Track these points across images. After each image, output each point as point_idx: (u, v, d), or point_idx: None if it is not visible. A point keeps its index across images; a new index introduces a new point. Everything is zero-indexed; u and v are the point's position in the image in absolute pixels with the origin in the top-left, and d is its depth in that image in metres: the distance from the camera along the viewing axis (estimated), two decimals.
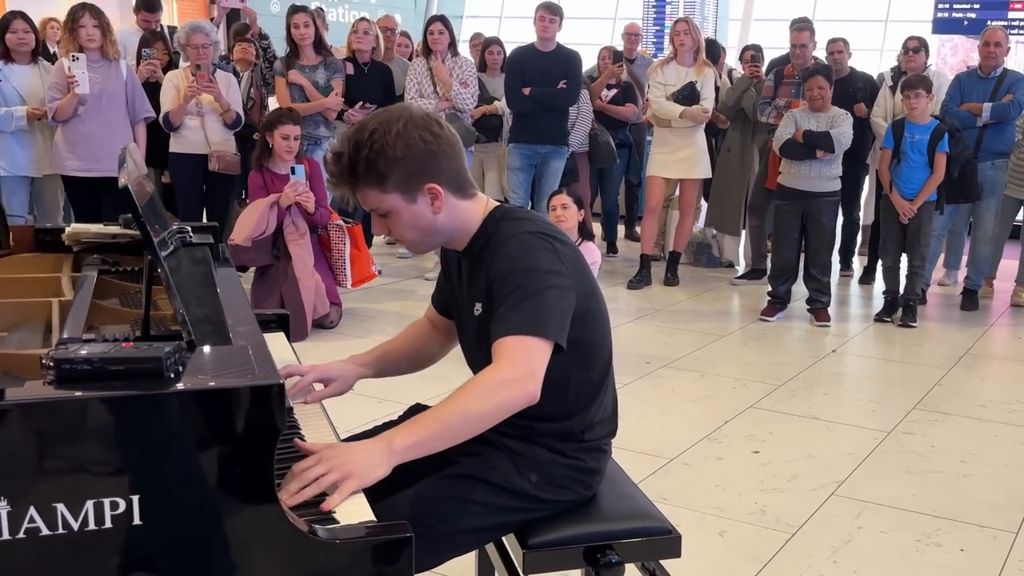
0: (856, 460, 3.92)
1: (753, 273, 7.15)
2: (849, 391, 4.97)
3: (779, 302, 6.22)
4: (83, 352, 1.56)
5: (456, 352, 2.31)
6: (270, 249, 5.54)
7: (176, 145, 6.09)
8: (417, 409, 2.30)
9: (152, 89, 6.07)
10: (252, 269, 5.79)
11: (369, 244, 6.55)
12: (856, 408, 4.63)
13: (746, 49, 8.03)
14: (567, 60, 6.75)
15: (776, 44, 8.81)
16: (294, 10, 6.44)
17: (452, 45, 6.78)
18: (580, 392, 2.07)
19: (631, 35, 8.60)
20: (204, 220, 6.14)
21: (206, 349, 1.79)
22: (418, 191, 1.95)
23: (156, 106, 5.98)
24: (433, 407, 1.86)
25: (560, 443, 2.07)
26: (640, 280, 6.93)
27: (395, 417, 2.25)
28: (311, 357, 2.43)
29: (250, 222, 5.42)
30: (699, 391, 4.76)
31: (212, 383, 1.59)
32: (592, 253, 5.07)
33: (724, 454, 3.95)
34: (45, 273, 2.56)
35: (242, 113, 6.16)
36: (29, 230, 2.74)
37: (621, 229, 8.59)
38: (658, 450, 3.92)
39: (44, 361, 1.57)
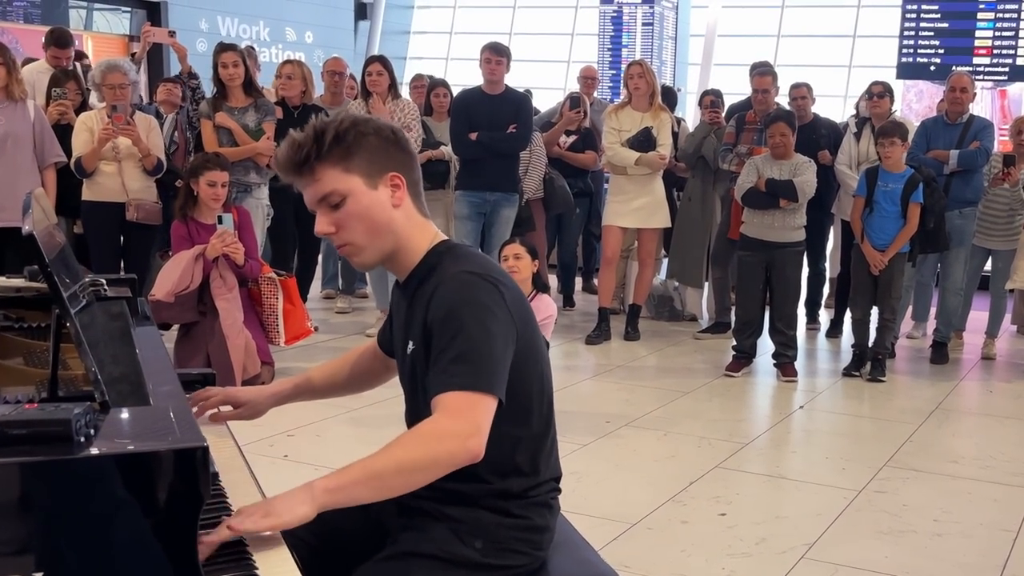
0: (826, 521, 3.92)
1: (717, 327, 7.19)
2: (818, 448, 4.98)
3: (744, 356, 6.25)
4: None
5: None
6: (195, 305, 5.45)
7: (90, 192, 5.99)
8: None
9: (63, 131, 5.98)
10: (175, 327, 5.69)
11: (304, 298, 6.49)
12: (825, 466, 4.64)
13: (705, 94, 8.13)
14: (517, 103, 6.79)
15: (736, 90, 8.95)
16: (222, 48, 6.39)
17: (393, 87, 6.79)
18: (520, 447, 2.03)
19: (587, 79, 8.69)
20: (122, 274, 6.05)
21: (122, 411, 1.73)
22: (381, 178, 1.97)
23: (68, 150, 5.88)
24: (369, 456, 1.83)
25: (503, 502, 2.03)
26: (599, 335, 6.93)
27: None
28: (242, 422, 2.39)
29: (173, 276, 5.34)
30: (662, 451, 4.75)
31: (128, 446, 1.54)
32: (547, 306, 5.06)
33: (689, 517, 3.93)
34: None
35: (164, 158, 6.09)
36: None
37: (579, 282, 8.61)
38: (620, 514, 3.90)
39: None
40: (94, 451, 1.50)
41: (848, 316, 6.51)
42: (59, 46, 6.84)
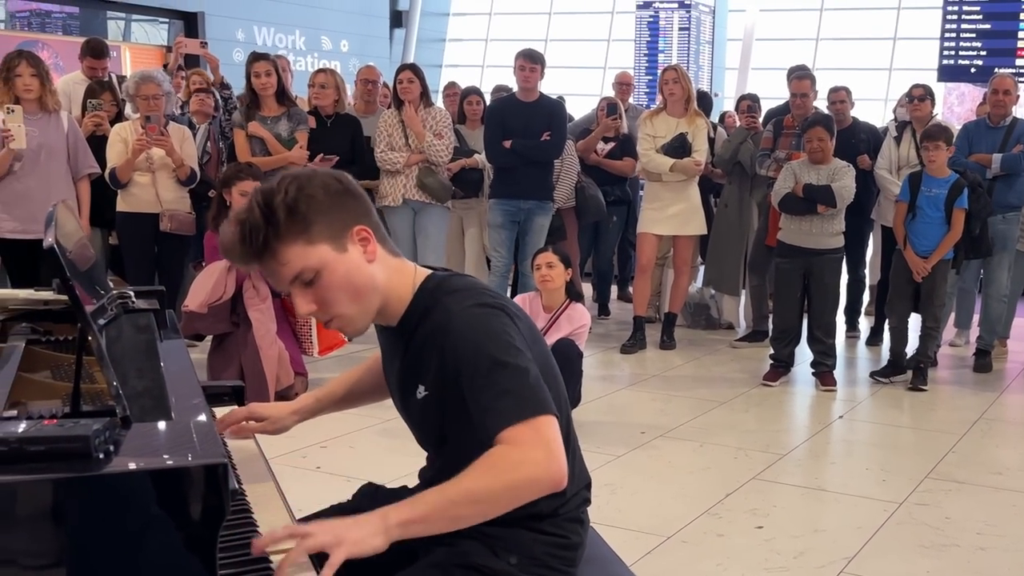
0: (866, 534, 3.85)
1: (754, 335, 7.13)
2: (858, 460, 4.92)
3: (782, 366, 6.18)
4: None
5: None
6: (228, 315, 5.46)
7: (124, 203, 6.03)
8: (369, 489, 2.28)
9: (99, 143, 6.02)
10: (209, 338, 5.71)
11: None
12: (865, 478, 4.57)
13: (742, 99, 8.10)
14: (551, 110, 6.78)
15: (774, 94, 8.89)
16: (255, 58, 6.42)
17: (425, 95, 6.79)
18: None
19: (622, 85, 8.68)
20: (155, 285, 6.09)
21: (143, 426, 1.73)
22: (347, 236, 1.87)
23: (103, 161, 5.93)
24: (441, 486, 1.78)
25: (536, 522, 2.00)
26: (634, 344, 6.89)
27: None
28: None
29: (206, 286, 5.35)
30: (698, 462, 4.70)
31: (147, 463, 1.53)
32: (581, 315, 5.06)
33: (725, 530, 3.88)
34: None
35: (197, 168, 6.12)
36: None
37: (614, 290, 8.58)
38: (654, 527, 3.86)
39: None
40: (113, 468, 1.49)
41: (887, 323, 6.42)
42: (95, 56, 6.90)
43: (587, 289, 7.76)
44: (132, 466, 1.52)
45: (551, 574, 2.03)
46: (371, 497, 2.20)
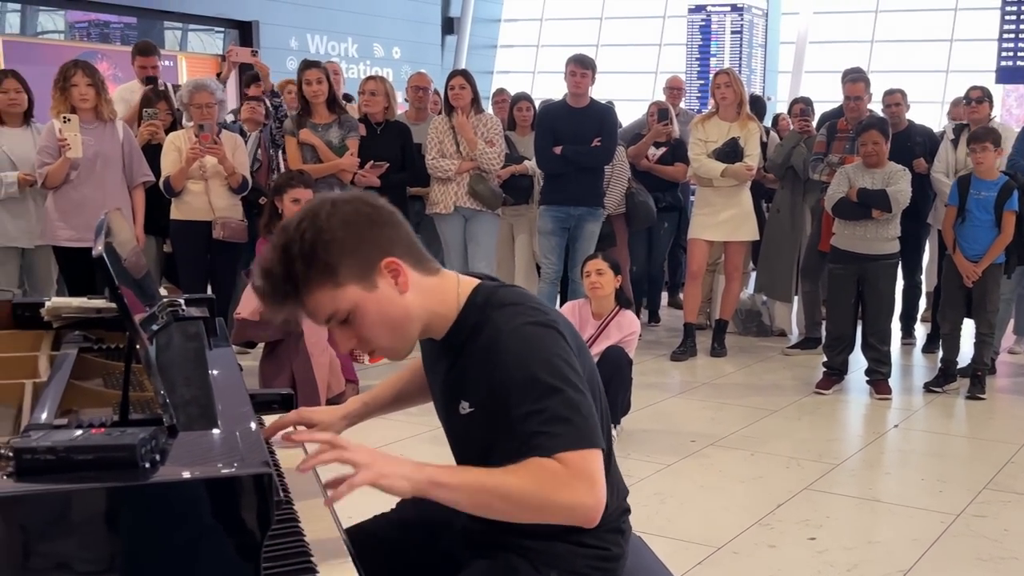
0: (922, 546, 3.79)
1: (807, 342, 7.06)
2: (913, 470, 4.84)
3: (835, 374, 6.11)
4: (47, 441, 1.51)
5: None
6: (280, 323, 5.49)
7: (178, 211, 6.08)
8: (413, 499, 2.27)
9: (154, 151, 6.09)
10: (260, 345, 5.75)
11: None
12: (921, 489, 4.50)
13: (795, 102, 8.02)
14: (601, 116, 6.77)
15: (828, 97, 8.81)
16: (306, 65, 6.47)
17: (476, 101, 6.80)
18: None
19: (673, 89, 8.64)
20: (209, 292, 6.15)
21: (190, 435, 1.74)
22: (375, 272, 1.82)
23: (158, 170, 5.99)
24: (486, 469, 1.79)
25: (577, 534, 1.98)
26: (684, 351, 6.85)
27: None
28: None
29: None
30: (749, 472, 4.66)
31: (191, 473, 1.54)
32: (631, 323, 5.04)
33: (777, 541, 3.84)
34: (22, 352, 2.52)
35: (249, 176, 6.17)
36: (6, 305, 2.71)
37: (664, 296, 8.54)
38: (704, 538, 3.82)
39: (2, 451, 1.52)
40: (158, 478, 1.50)
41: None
42: (143, 55, 6.93)
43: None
44: (178, 476, 1.53)
45: None
46: (415, 506, 2.19)
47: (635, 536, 2.33)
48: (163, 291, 6.26)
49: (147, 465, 1.52)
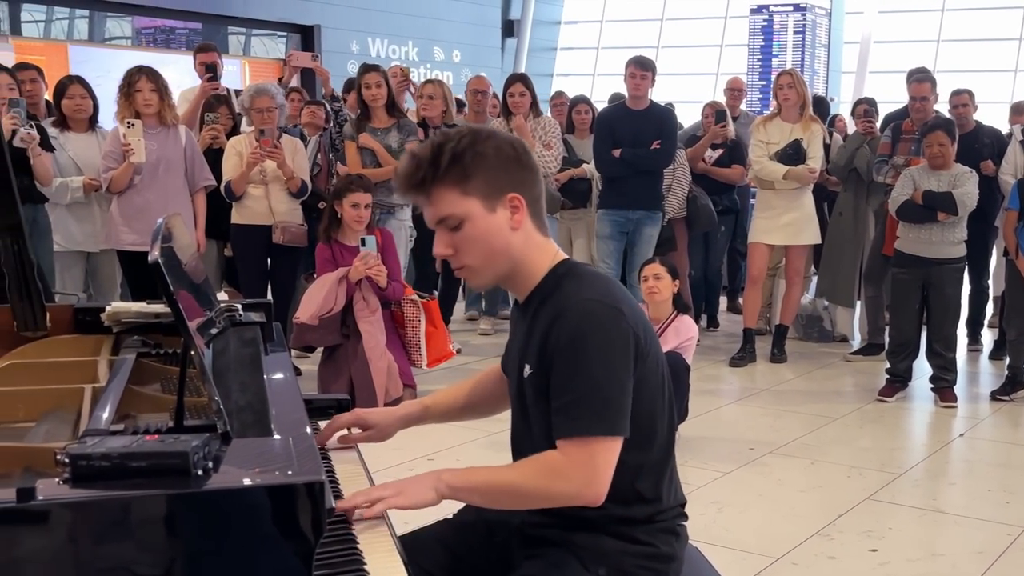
0: (987, 560, 3.71)
1: (870, 348, 6.95)
2: (980, 480, 4.75)
3: (899, 380, 6.01)
4: (102, 448, 1.53)
5: None
6: (339, 327, 5.54)
7: (239, 216, 6.13)
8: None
9: (216, 156, 6.16)
10: (319, 349, 5.80)
11: (448, 320, 6.54)
12: (988, 500, 4.41)
13: (859, 103, 7.92)
14: (661, 118, 6.75)
15: (893, 98, 8.68)
16: (365, 69, 6.51)
17: (534, 105, 6.79)
18: (641, 475, 2.00)
19: (734, 91, 8.58)
20: (269, 296, 6.21)
21: (243, 442, 1.76)
22: (500, 199, 1.95)
23: (219, 174, 6.06)
24: (494, 467, 1.98)
25: (628, 528, 2.01)
26: (743, 357, 6.79)
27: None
28: (381, 444, 2.43)
29: (317, 298, 5.44)
30: (809, 481, 4.60)
31: (245, 480, 1.55)
32: (688, 328, 5.00)
33: (837, 552, 3.78)
34: (82, 356, 2.56)
35: (308, 180, 6.21)
36: (68, 310, 2.75)
37: (723, 301, 8.47)
38: (763, 548, 3.78)
39: (59, 456, 1.54)
40: (211, 485, 1.51)
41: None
42: (203, 51, 6.98)
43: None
44: (230, 483, 1.54)
45: None
46: (476, 512, 2.19)
47: (692, 547, 2.31)
48: (223, 295, 6.39)
49: (200, 472, 1.53)
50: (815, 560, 3.72)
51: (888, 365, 6.10)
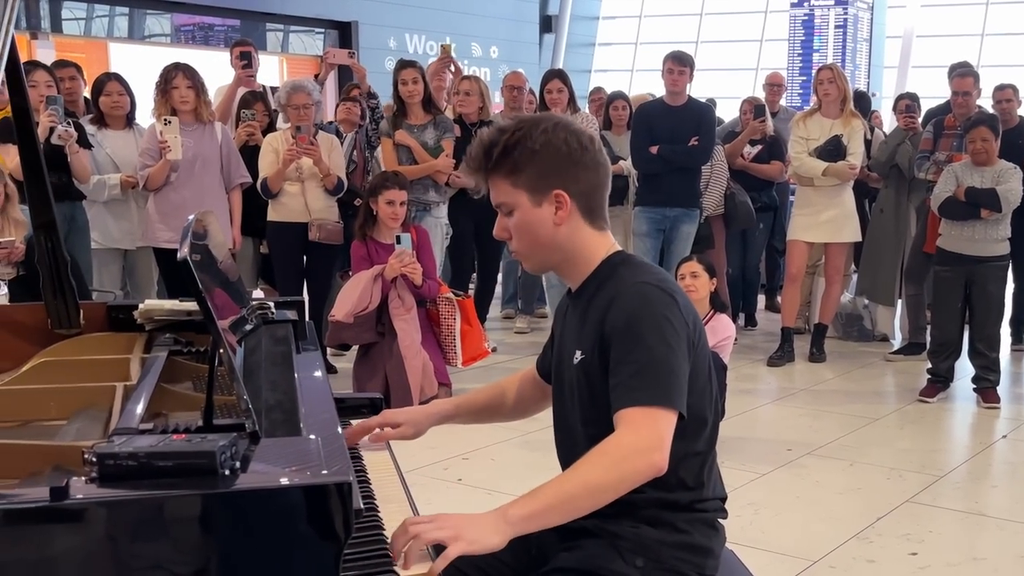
0: None
1: (910, 348, 6.88)
2: (1023, 483, 4.68)
3: (940, 381, 5.94)
4: (129, 447, 1.53)
5: None
6: (374, 325, 5.54)
7: (275, 213, 6.13)
8: None
9: (252, 153, 6.18)
10: (355, 347, 5.80)
11: (484, 318, 6.52)
12: None
13: (900, 98, 7.83)
14: (699, 114, 6.70)
15: (936, 93, 8.58)
16: (402, 65, 6.50)
17: (572, 101, 6.77)
18: (683, 463, 2.00)
19: (773, 86, 8.51)
20: (305, 294, 6.23)
21: (271, 441, 1.76)
22: (546, 195, 2.00)
23: (255, 171, 6.07)
24: (554, 479, 1.89)
25: (668, 513, 2.01)
26: (782, 356, 6.73)
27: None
28: (416, 443, 2.43)
29: (352, 296, 5.45)
30: (848, 483, 4.55)
31: (271, 481, 1.55)
32: (725, 327, 4.96)
33: (876, 556, 3.74)
34: (115, 354, 2.57)
35: (344, 178, 6.21)
36: (101, 307, 2.77)
37: (761, 300, 8.40)
38: (800, 550, 3.74)
39: (87, 456, 1.55)
40: (238, 485, 1.51)
41: None
42: (238, 45, 6.99)
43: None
44: (257, 483, 1.53)
45: None
46: None
47: (728, 549, 2.30)
48: (259, 292, 6.41)
49: (227, 472, 1.53)
50: (853, 564, 3.67)
51: (929, 365, 6.03)
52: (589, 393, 2.01)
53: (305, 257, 6.26)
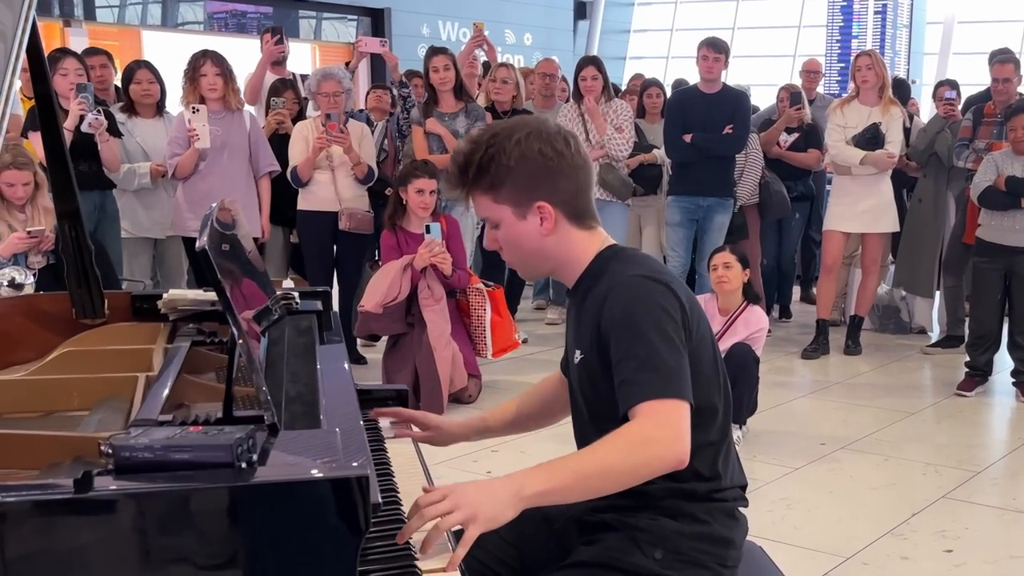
0: None
1: (948, 341, 6.80)
2: None
3: (979, 374, 5.86)
4: (145, 439, 1.53)
5: None
6: (403, 316, 5.52)
7: (304, 202, 6.12)
8: None
9: (282, 141, 6.17)
10: (385, 338, 5.80)
11: (515, 310, 6.50)
12: None
13: (940, 85, 7.73)
14: (734, 102, 6.64)
15: (977, 80, 8.47)
16: (433, 52, 6.48)
17: (606, 88, 6.73)
18: (697, 454, 1.94)
19: (810, 72, 8.42)
20: (336, 283, 6.23)
21: (290, 434, 1.75)
22: (528, 208, 1.99)
23: (285, 159, 6.06)
24: (571, 455, 1.89)
25: (687, 504, 1.99)
26: (816, 349, 6.67)
27: None
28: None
29: (381, 287, 5.44)
30: (882, 478, 4.50)
31: (287, 474, 1.54)
32: (758, 319, 4.93)
33: (911, 553, 3.70)
34: (139, 344, 2.57)
35: (375, 166, 6.19)
36: (126, 297, 2.77)
37: (796, 291, 8.33)
38: (832, 547, 3.71)
39: (103, 448, 1.55)
40: (253, 479, 1.50)
41: None
42: (268, 33, 7.04)
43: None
44: (274, 477, 1.53)
45: (700, 572, 2.00)
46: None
47: (755, 544, 2.28)
48: (290, 282, 6.41)
49: (243, 465, 1.52)
50: (887, 561, 3.64)
51: (967, 358, 5.96)
52: (593, 391, 2.01)
53: (335, 247, 6.25)
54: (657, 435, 1.82)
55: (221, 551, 1.47)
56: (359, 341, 6.38)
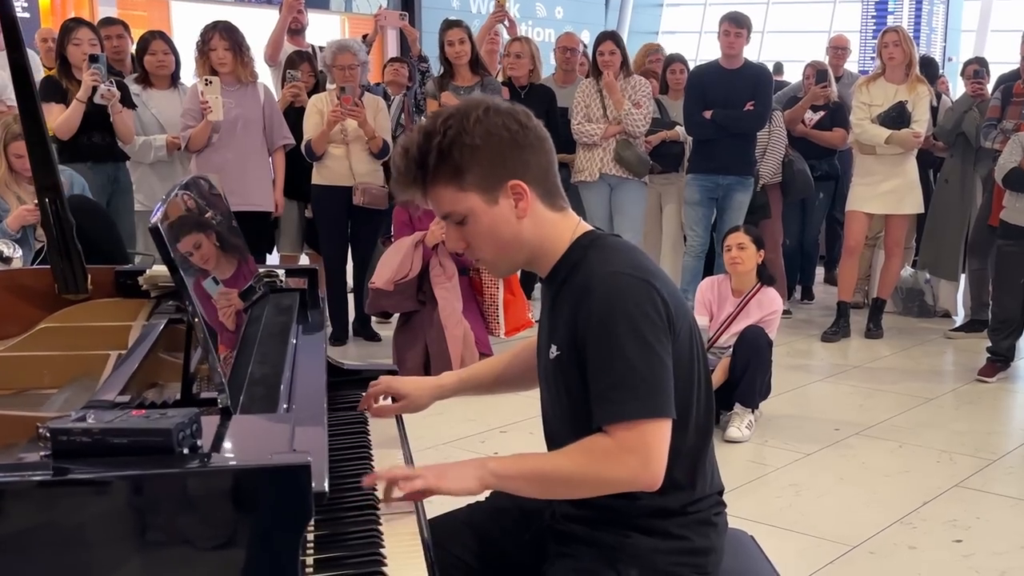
0: None
1: (972, 325, 6.66)
2: None
3: (1000, 360, 5.74)
4: (83, 423, 1.47)
5: None
6: (415, 293, 5.47)
7: (319, 176, 6.05)
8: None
9: (297, 114, 6.10)
10: (395, 316, 5.75)
11: (528, 290, 6.43)
12: None
13: (968, 63, 7.54)
14: (756, 78, 6.52)
15: (1012, 59, 8.28)
16: (448, 25, 6.37)
17: (625, 64, 6.62)
18: (677, 461, 1.87)
19: (837, 49, 8.25)
20: (349, 259, 6.18)
21: (242, 418, 1.71)
22: (500, 189, 1.85)
23: (300, 133, 5.99)
24: (544, 455, 1.89)
25: (660, 521, 1.92)
26: (837, 331, 6.56)
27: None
28: (454, 416, 2.37)
29: (393, 264, 5.39)
30: (895, 465, 4.41)
31: (227, 461, 1.50)
32: (772, 301, 4.85)
33: (919, 542, 3.61)
34: (118, 321, 2.52)
35: (391, 141, 6.10)
36: (109, 272, 2.72)
37: (819, 272, 8.21)
38: (839, 535, 3.63)
39: (40, 431, 1.50)
40: (194, 465, 1.45)
41: None
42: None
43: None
44: (215, 464, 1.48)
45: None
46: (510, 497, 2.11)
47: (744, 534, 2.22)
48: (305, 258, 6.36)
49: (184, 451, 1.47)
50: (894, 550, 3.55)
51: (989, 343, 5.83)
52: (566, 389, 1.92)
53: (350, 222, 6.19)
54: (624, 458, 1.77)
55: (159, 538, 1.42)
56: (374, 318, 6.33)
